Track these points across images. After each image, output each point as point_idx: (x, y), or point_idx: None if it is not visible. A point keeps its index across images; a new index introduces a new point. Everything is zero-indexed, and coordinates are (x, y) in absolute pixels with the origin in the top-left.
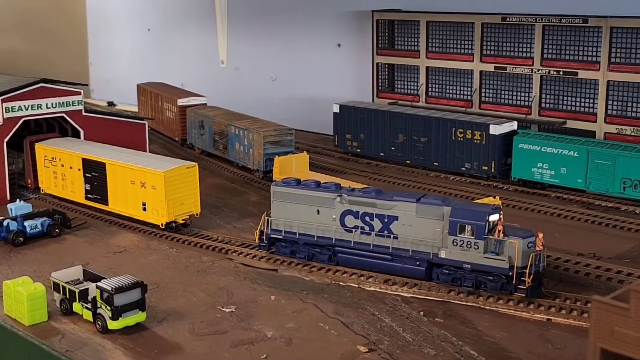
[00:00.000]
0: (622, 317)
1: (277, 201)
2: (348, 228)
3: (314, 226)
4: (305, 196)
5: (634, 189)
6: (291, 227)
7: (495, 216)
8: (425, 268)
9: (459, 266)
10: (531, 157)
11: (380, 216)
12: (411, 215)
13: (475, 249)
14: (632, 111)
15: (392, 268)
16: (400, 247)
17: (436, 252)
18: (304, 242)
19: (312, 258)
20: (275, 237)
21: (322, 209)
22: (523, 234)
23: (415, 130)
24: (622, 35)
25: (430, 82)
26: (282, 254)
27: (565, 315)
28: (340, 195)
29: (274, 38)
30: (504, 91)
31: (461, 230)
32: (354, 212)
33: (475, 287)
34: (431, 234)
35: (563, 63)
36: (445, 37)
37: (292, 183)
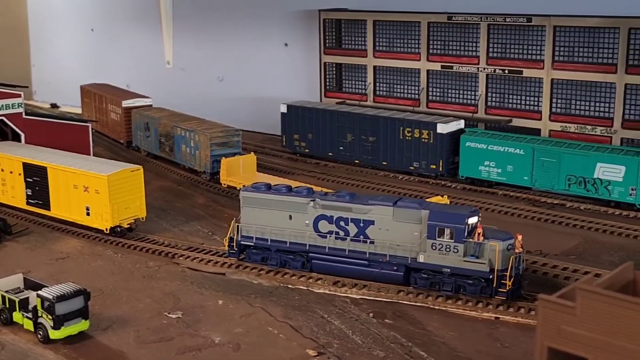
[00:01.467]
0: (568, 316)
1: (246, 207)
2: (322, 233)
3: (287, 232)
4: (277, 201)
5: (578, 185)
6: (262, 234)
7: (474, 219)
8: (403, 273)
9: (437, 270)
10: (478, 156)
11: (356, 221)
12: (388, 219)
13: (454, 252)
14: (575, 109)
15: (369, 274)
16: (377, 252)
17: (414, 256)
18: (276, 248)
19: (284, 265)
20: (245, 244)
21: (294, 214)
22: (502, 236)
23: (364, 129)
24: (565, 34)
25: (377, 82)
26: (253, 261)
27: (513, 314)
28: (314, 199)
29: (220, 38)
30: (451, 90)
31: (440, 234)
32: (328, 217)
33: (454, 291)
34: (409, 238)
35: (508, 62)
36: (392, 36)
37: (262, 188)
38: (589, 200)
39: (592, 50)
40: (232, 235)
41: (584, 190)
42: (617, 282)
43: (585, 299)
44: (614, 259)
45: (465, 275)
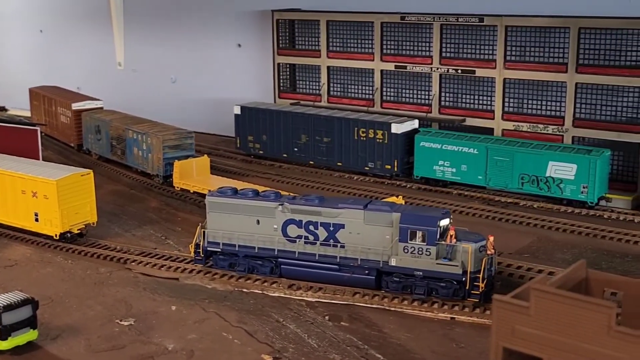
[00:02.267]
0: (522, 316)
1: (213, 212)
2: (291, 238)
3: (255, 237)
4: (244, 206)
5: (531, 184)
6: (230, 239)
7: (446, 221)
8: (375, 277)
9: (410, 274)
10: (432, 155)
11: (326, 225)
12: (359, 223)
13: (427, 255)
14: (527, 108)
15: (339, 278)
16: (348, 256)
17: (386, 260)
18: (244, 254)
19: (252, 271)
20: (212, 249)
21: (262, 218)
22: (474, 238)
23: (318, 130)
24: (516, 33)
25: (331, 82)
26: (220, 267)
27: (468, 314)
28: (282, 204)
29: (172, 39)
30: (405, 90)
31: (412, 237)
32: (297, 222)
33: (426, 294)
34: (380, 241)
35: (461, 61)
36: (345, 36)
37: (228, 193)
38: (542, 199)
39: (543, 49)
40: (198, 241)
41: (537, 189)
42: (570, 280)
43: (538, 299)
44: (566, 256)
45: (437, 278)
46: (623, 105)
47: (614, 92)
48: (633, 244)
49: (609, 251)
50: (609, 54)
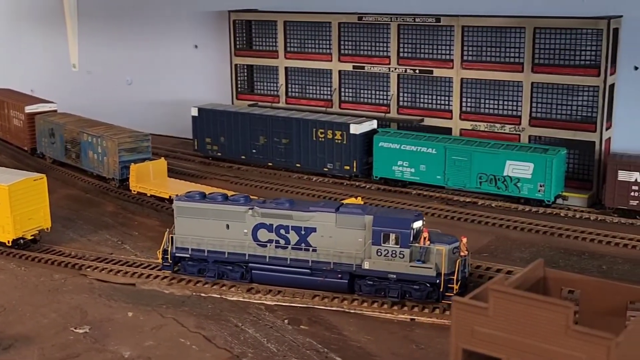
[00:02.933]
0: (481, 317)
1: (181, 217)
2: (262, 243)
3: (224, 242)
4: (213, 210)
5: (489, 183)
6: (199, 245)
7: (419, 223)
8: (348, 280)
9: (383, 277)
10: (391, 156)
11: (297, 228)
12: (330, 226)
13: (400, 257)
14: (485, 107)
15: (312, 283)
16: (320, 260)
17: (359, 263)
18: (213, 259)
19: (222, 276)
20: (181, 255)
21: (232, 223)
22: (447, 239)
23: (276, 131)
24: (473, 33)
25: (289, 83)
26: (188, 273)
27: (428, 315)
28: (252, 207)
29: (128, 40)
30: (363, 90)
31: (385, 239)
32: (268, 226)
33: (400, 297)
34: (353, 244)
35: (419, 61)
36: (303, 36)
37: (196, 197)
38: (500, 198)
39: (499, 49)
40: (165, 247)
41: (495, 188)
42: (528, 280)
43: (497, 300)
44: (524, 255)
45: (411, 281)
46: (578, 104)
47: (569, 92)
48: (589, 242)
49: (566, 249)
50: (564, 53)
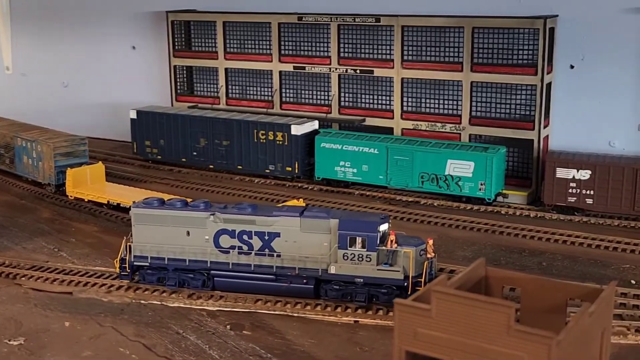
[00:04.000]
0: (424, 319)
1: (139, 224)
2: (224, 249)
3: (185, 249)
4: (172, 217)
5: (431, 182)
6: (158, 252)
7: (385, 225)
8: (314, 286)
9: (350, 281)
10: (333, 156)
11: (260, 234)
12: (295, 231)
13: (367, 261)
14: (426, 107)
15: (277, 289)
16: (285, 265)
17: (325, 268)
18: (174, 267)
19: (183, 284)
20: (139, 264)
21: (192, 229)
22: (414, 241)
23: (217, 133)
24: (413, 33)
25: (230, 84)
26: (147, 282)
27: (372, 316)
28: (213, 213)
29: (64, 41)
30: (304, 91)
31: (352, 243)
32: (230, 231)
33: (367, 301)
34: (318, 249)
35: (359, 61)
36: (242, 37)
37: (154, 203)
38: (442, 197)
39: (439, 49)
40: (123, 255)
41: (437, 187)
42: (471, 279)
43: (439, 301)
44: (467, 253)
45: (378, 284)
46: (516, 103)
47: (507, 90)
48: (529, 239)
49: (507, 247)
50: (502, 52)
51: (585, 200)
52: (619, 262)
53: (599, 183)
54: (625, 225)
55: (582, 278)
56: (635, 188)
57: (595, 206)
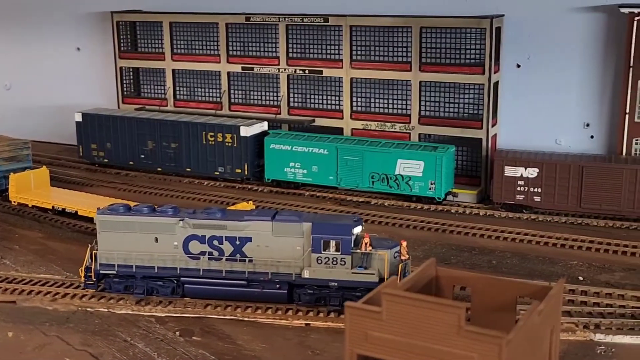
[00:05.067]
0: (375, 321)
1: (104, 232)
2: (194, 255)
3: (154, 256)
4: (140, 223)
5: (381, 182)
6: (125, 260)
7: (359, 228)
8: (287, 291)
9: (324, 285)
10: (283, 157)
11: (231, 239)
12: (267, 235)
13: (342, 265)
14: (375, 107)
15: (249, 294)
16: (257, 270)
17: (298, 272)
18: (142, 275)
19: (152, 292)
20: (106, 272)
21: (160, 236)
22: (388, 244)
23: (165, 135)
24: (361, 33)
25: (177, 85)
26: (114, 291)
27: (323, 319)
28: (182, 219)
29: (6, 42)
30: (253, 92)
31: (325, 247)
32: (200, 237)
33: (341, 305)
34: (291, 253)
35: (308, 62)
36: (190, 38)
37: (120, 210)
38: (392, 196)
39: (388, 49)
40: (88, 264)
41: (387, 187)
42: (421, 280)
43: (389, 303)
44: (417, 253)
45: (353, 288)
46: (465, 102)
47: (455, 90)
48: (479, 237)
49: (457, 245)
50: (450, 52)
51: (533, 198)
52: (566, 259)
53: (546, 181)
54: (572, 222)
55: (531, 275)
56: (582, 185)
57: (543, 204)
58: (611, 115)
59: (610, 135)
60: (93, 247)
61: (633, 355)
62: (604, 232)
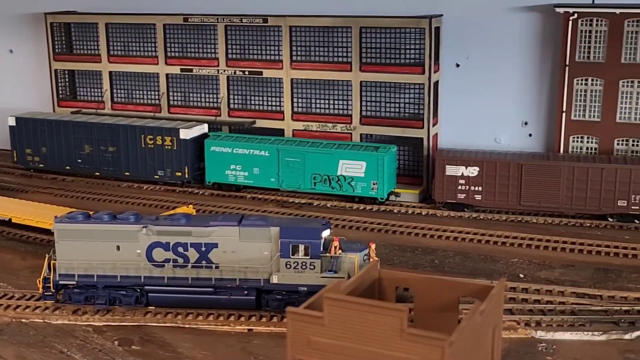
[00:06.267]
0: (317, 326)
1: (63, 241)
2: (158, 263)
3: (116, 265)
4: (100, 231)
5: (323, 183)
6: (86, 270)
7: (327, 231)
8: (255, 297)
9: (293, 290)
10: (224, 160)
11: (196, 245)
12: (233, 241)
13: (311, 269)
14: (316, 107)
15: (216, 301)
16: (225, 277)
17: (267, 277)
18: (104, 285)
19: (114, 302)
20: (65, 283)
21: (123, 244)
22: (357, 247)
23: (102, 139)
24: (301, 34)
25: (115, 88)
26: (75, 302)
27: (266, 324)
28: (146, 226)
29: None
30: (193, 94)
31: (294, 251)
32: (164, 244)
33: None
34: (259, 258)
35: (248, 63)
36: (127, 39)
37: (79, 218)
38: (335, 197)
39: (328, 49)
40: (46, 274)
41: (329, 188)
42: (364, 282)
43: (331, 308)
44: None
45: None
46: (405, 102)
47: (396, 90)
48: (422, 237)
49: (400, 245)
50: (390, 52)
51: (474, 196)
52: (507, 257)
53: (487, 179)
54: (512, 219)
55: (473, 274)
56: (521, 183)
57: (484, 202)
58: (549, 113)
59: (549, 133)
60: (51, 257)
61: (573, 352)
62: (543, 229)
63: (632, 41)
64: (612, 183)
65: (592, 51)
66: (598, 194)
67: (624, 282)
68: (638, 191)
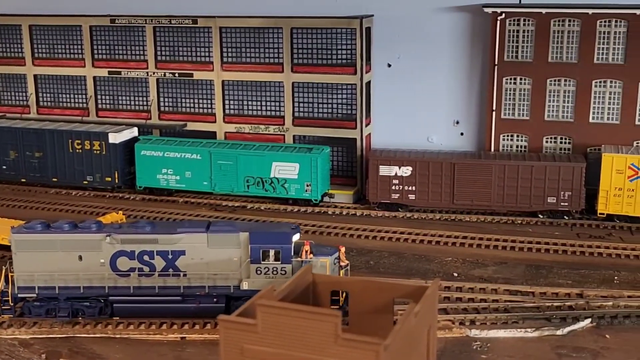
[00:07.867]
0: (250, 334)
1: (21, 252)
2: (122, 272)
3: (79, 276)
4: (61, 241)
5: (257, 186)
6: (47, 282)
7: (297, 235)
8: (225, 304)
9: None
10: (155, 164)
11: (163, 253)
12: (201, 247)
13: (282, 274)
14: (248, 109)
15: (185, 310)
16: (193, 285)
17: (237, 284)
18: (66, 296)
19: (77, 314)
20: (25, 296)
21: (85, 253)
22: (327, 250)
23: (28, 145)
24: (231, 35)
25: (40, 91)
26: (35, 315)
27: (199, 331)
28: (109, 234)
29: None
30: (122, 97)
31: (265, 256)
32: (129, 253)
33: None
34: (228, 265)
35: (178, 65)
36: (52, 41)
37: (37, 227)
38: (269, 200)
39: (259, 50)
40: (4, 288)
41: (263, 191)
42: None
43: (264, 314)
44: None
45: None
46: (338, 103)
47: (328, 90)
48: (356, 238)
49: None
50: (322, 53)
51: (408, 196)
52: (441, 256)
53: (420, 179)
54: (446, 218)
55: (408, 274)
56: (454, 182)
57: (417, 201)
58: (479, 112)
59: (479, 132)
60: (8, 269)
61: (507, 349)
62: (476, 227)
63: (558, 40)
64: (541, 180)
65: (520, 51)
66: (528, 192)
67: (555, 278)
68: (567, 188)
